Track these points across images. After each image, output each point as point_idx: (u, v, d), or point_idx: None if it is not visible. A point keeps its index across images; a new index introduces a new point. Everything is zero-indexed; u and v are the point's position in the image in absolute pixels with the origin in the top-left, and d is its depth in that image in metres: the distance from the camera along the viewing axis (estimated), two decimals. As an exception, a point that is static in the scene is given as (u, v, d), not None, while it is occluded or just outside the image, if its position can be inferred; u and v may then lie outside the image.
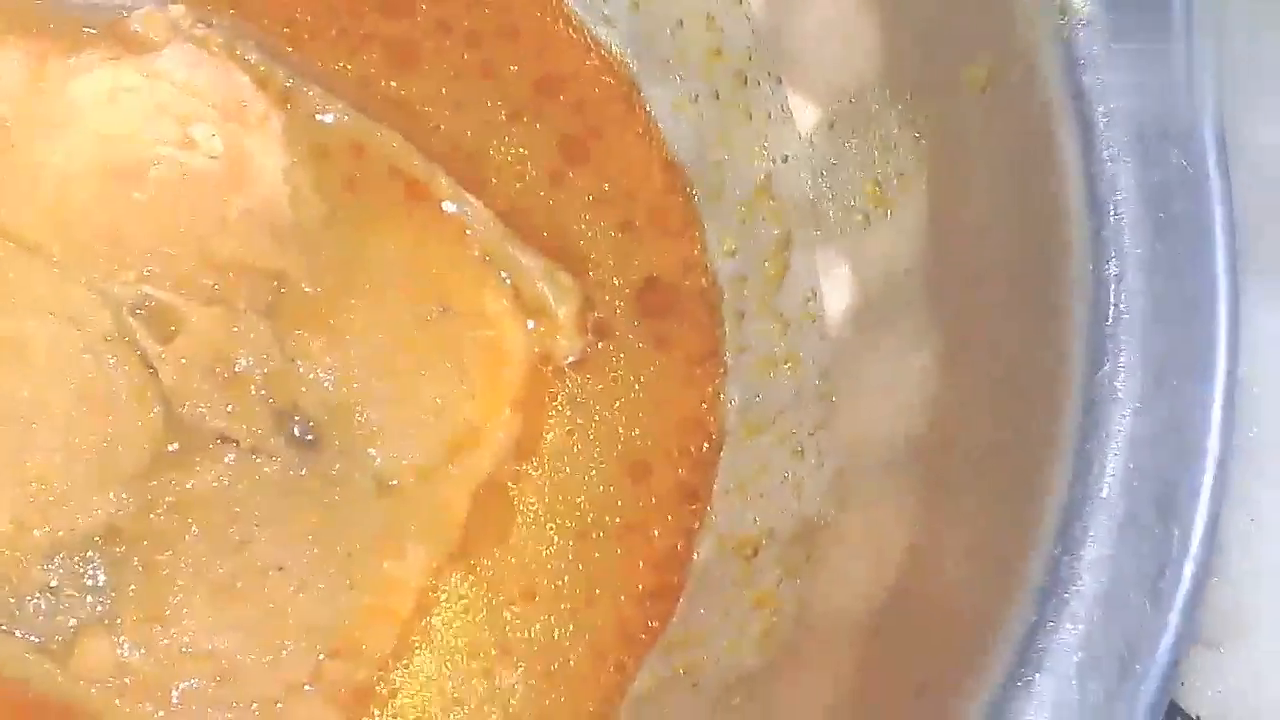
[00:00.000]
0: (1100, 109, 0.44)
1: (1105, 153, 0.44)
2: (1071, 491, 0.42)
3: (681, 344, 0.56)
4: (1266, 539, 0.54)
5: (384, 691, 0.52)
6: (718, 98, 0.56)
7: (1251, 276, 0.44)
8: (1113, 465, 0.42)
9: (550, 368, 0.55)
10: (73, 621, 0.50)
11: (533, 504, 0.54)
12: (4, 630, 0.49)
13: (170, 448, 0.51)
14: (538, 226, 0.56)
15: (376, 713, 0.52)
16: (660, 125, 0.58)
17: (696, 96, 0.57)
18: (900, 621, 0.47)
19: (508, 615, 0.53)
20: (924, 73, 0.50)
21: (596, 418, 0.55)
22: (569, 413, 0.55)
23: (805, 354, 0.54)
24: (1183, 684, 0.55)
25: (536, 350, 0.55)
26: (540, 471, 0.54)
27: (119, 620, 0.50)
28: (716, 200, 0.57)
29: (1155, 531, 0.41)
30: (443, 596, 0.53)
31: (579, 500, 0.54)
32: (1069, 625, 0.41)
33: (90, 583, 0.50)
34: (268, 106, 0.53)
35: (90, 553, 0.50)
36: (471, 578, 0.53)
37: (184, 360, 0.51)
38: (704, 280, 0.56)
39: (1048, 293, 0.44)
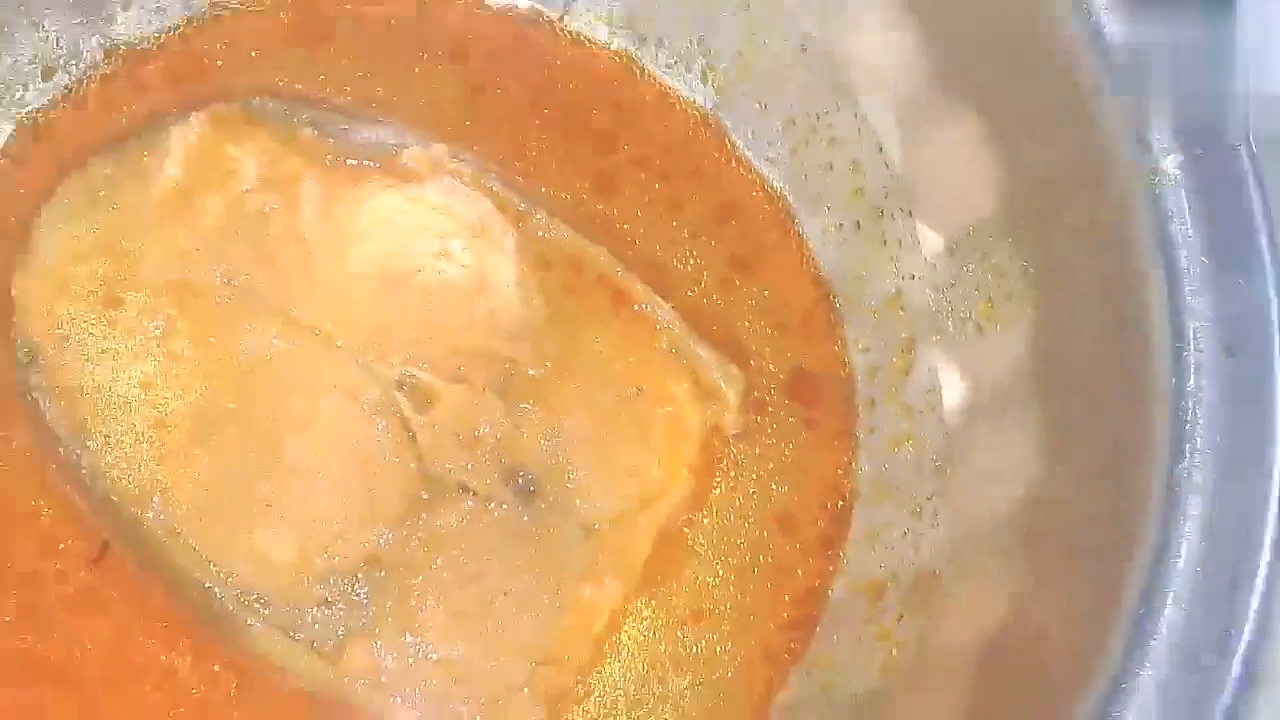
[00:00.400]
0: (1184, 254, 0.44)
1: (1187, 286, 0.43)
2: (1154, 563, 0.41)
3: (822, 422, 0.56)
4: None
5: (581, 693, 0.52)
6: (859, 227, 0.56)
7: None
8: (1188, 544, 0.41)
9: (719, 438, 0.55)
10: (341, 630, 0.50)
11: (702, 546, 0.54)
12: (289, 637, 0.50)
13: (423, 495, 0.51)
14: (711, 326, 0.56)
15: (575, 710, 0.52)
16: (811, 246, 0.57)
17: (841, 225, 0.57)
18: (1002, 662, 0.47)
19: (679, 634, 0.53)
20: (1034, 215, 0.49)
21: (754, 479, 0.55)
22: (733, 474, 0.55)
23: (924, 436, 0.54)
24: None
25: (708, 425, 0.55)
26: (709, 520, 0.54)
27: (378, 630, 0.50)
28: (855, 308, 0.56)
29: (1224, 600, 0.41)
30: (629, 619, 0.53)
31: (739, 544, 0.54)
32: (1150, 671, 0.40)
33: (356, 600, 0.50)
34: (505, 226, 0.54)
35: (358, 576, 0.51)
36: (652, 604, 0.53)
37: (436, 427, 0.52)
38: (842, 372, 0.56)
39: (1137, 402, 0.44)
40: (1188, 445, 0.42)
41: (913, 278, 0.55)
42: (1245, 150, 0.45)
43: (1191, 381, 0.42)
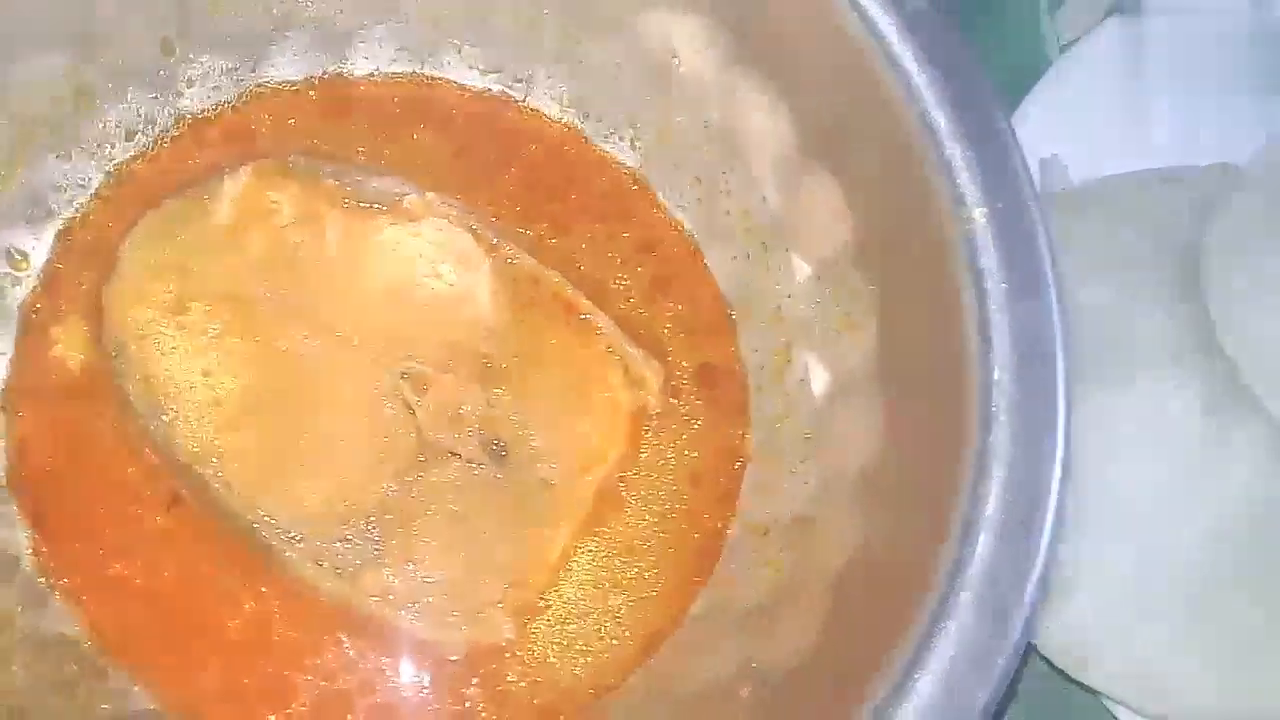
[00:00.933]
0: (989, 280, 0.44)
1: (991, 306, 0.44)
2: (968, 511, 0.41)
3: (722, 403, 0.55)
4: (1083, 535, 0.54)
5: (541, 606, 0.52)
6: (749, 257, 0.56)
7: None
8: (994, 494, 0.41)
9: (644, 416, 0.54)
10: (359, 560, 0.50)
11: (631, 497, 0.54)
12: (318, 564, 0.49)
13: (420, 458, 0.51)
14: (639, 330, 0.55)
15: (537, 619, 0.52)
16: (714, 272, 0.57)
17: (735, 256, 0.56)
18: (854, 583, 0.47)
19: (616, 564, 0.53)
20: (878, 250, 0.50)
21: (671, 446, 0.54)
22: (655, 443, 0.54)
23: (799, 414, 0.54)
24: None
25: (636, 405, 0.54)
26: (636, 478, 0.54)
27: (387, 560, 0.50)
28: (747, 319, 0.56)
29: (1021, 539, 0.41)
30: (577, 552, 0.52)
31: (660, 495, 0.54)
32: (966, 593, 0.41)
33: (370, 537, 0.50)
34: (481, 255, 0.53)
35: (371, 519, 0.50)
36: (595, 541, 0.53)
37: (430, 406, 0.51)
38: (738, 366, 0.56)
39: (954, 390, 0.44)
40: (993, 423, 0.42)
41: (789, 296, 0.54)
42: (1034, 200, 0.45)
43: (995, 375, 0.43)
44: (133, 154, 0.56)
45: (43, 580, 0.50)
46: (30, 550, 0.50)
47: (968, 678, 0.39)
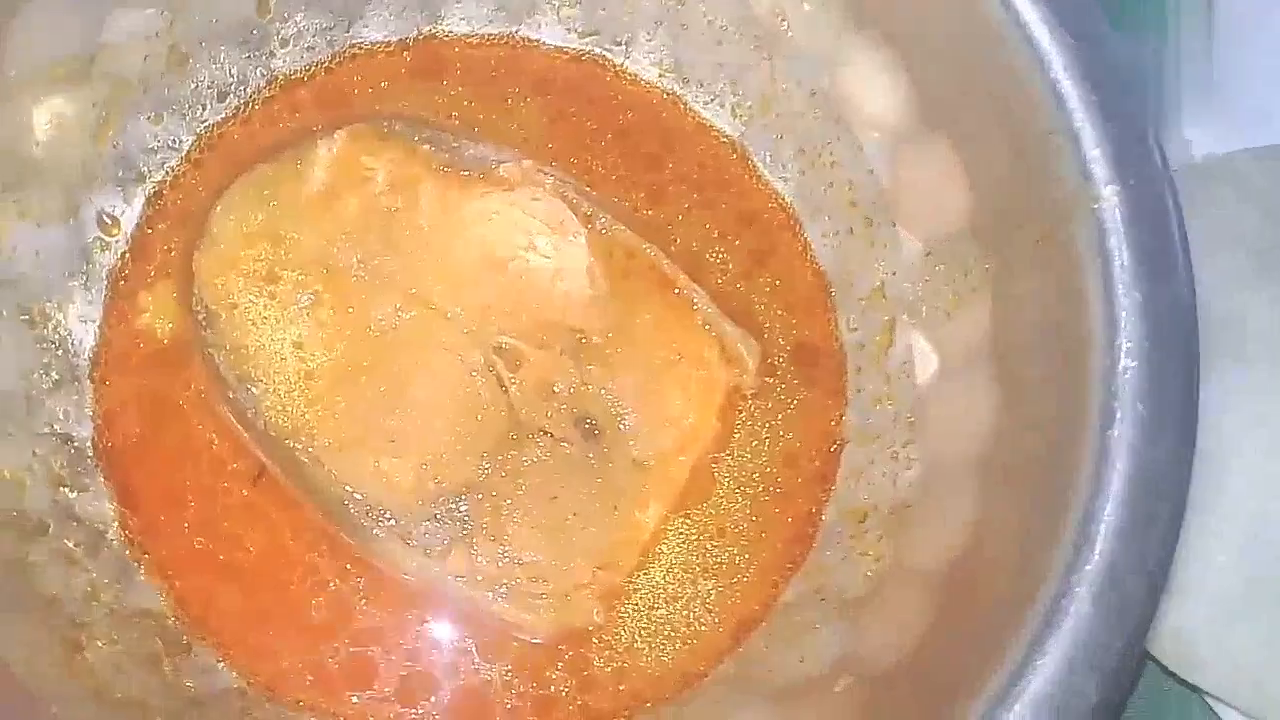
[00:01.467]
0: (1117, 262, 0.41)
1: (1119, 287, 0.41)
2: (1088, 505, 0.39)
3: (820, 383, 0.53)
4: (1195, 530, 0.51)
5: (630, 590, 0.50)
6: (852, 232, 0.54)
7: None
8: (1116, 488, 0.39)
9: (739, 395, 0.53)
10: (447, 539, 0.48)
11: (725, 478, 0.52)
12: (406, 543, 0.48)
13: (511, 436, 0.49)
14: (735, 306, 0.53)
15: (625, 603, 0.50)
16: (814, 247, 0.55)
17: (838, 231, 0.54)
18: (962, 577, 0.45)
19: (707, 547, 0.51)
20: (996, 227, 0.47)
21: (766, 427, 0.53)
22: (749, 423, 0.53)
23: (900, 397, 0.51)
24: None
25: (731, 384, 0.52)
26: (730, 459, 0.52)
27: (475, 540, 0.48)
28: (847, 296, 0.54)
29: (1142, 536, 0.39)
30: (668, 535, 0.51)
31: (754, 477, 0.52)
32: (1083, 588, 0.39)
33: (459, 516, 0.48)
34: (577, 226, 0.51)
35: (460, 498, 0.49)
36: (686, 522, 0.51)
37: (524, 382, 0.50)
38: (836, 345, 0.54)
39: (1076, 377, 0.41)
40: (1117, 413, 0.40)
41: (893, 274, 0.52)
42: (1167, 180, 0.43)
43: (1122, 361, 0.40)
44: (224, 115, 0.55)
45: (129, 554, 0.49)
46: (117, 523, 0.50)
47: (1083, 679, 0.38)
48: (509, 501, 0.49)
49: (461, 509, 0.48)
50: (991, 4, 0.44)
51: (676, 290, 0.52)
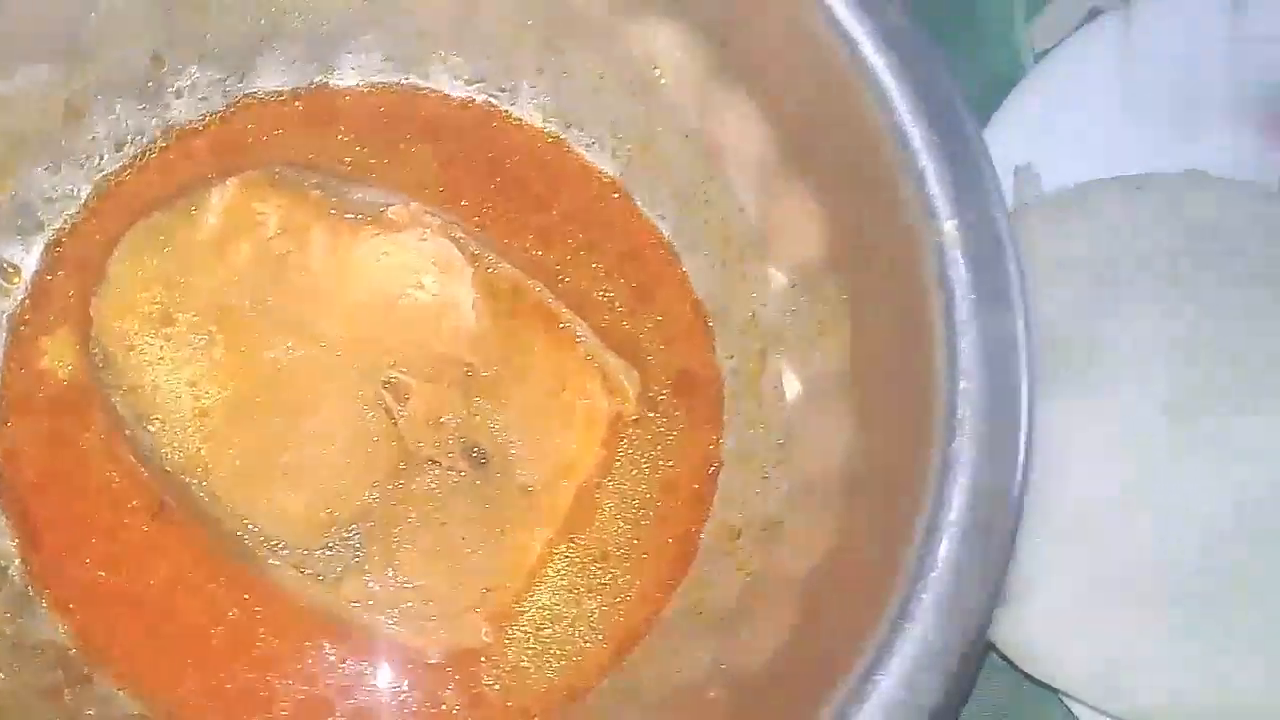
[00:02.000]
0: (958, 290, 0.45)
1: (959, 316, 0.44)
2: (932, 515, 0.42)
3: (699, 410, 0.56)
4: (1045, 537, 0.55)
5: (518, 611, 0.52)
6: (725, 266, 0.56)
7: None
8: (958, 499, 0.42)
9: (621, 423, 0.55)
10: (341, 566, 0.50)
11: (607, 503, 0.54)
12: (301, 572, 0.50)
13: (402, 466, 0.51)
14: (619, 339, 0.56)
15: (513, 624, 0.52)
16: (691, 281, 0.58)
17: (714, 265, 0.57)
18: (824, 583, 0.47)
19: (591, 569, 0.53)
20: (851, 260, 0.50)
21: (647, 453, 0.55)
22: (631, 450, 0.55)
23: (771, 420, 0.54)
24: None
25: (614, 412, 0.55)
26: (612, 484, 0.54)
27: (368, 566, 0.50)
28: (723, 327, 0.57)
29: (982, 543, 0.42)
30: (553, 558, 0.53)
31: (635, 502, 0.54)
32: (929, 593, 0.41)
33: (351, 544, 0.50)
34: (464, 264, 0.54)
35: (353, 526, 0.51)
36: (572, 545, 0.53)
37: (412, 414, 0.52)
38: (714, 373, 0.56)
39: (921, 397, 0.44)
40: (958, 429, 0.43)
41: (764, 305, 0.55)
42: (1003, 215, 0.46)
43: (962, 383, 0.43)
44: (121, 165, 0.56)
45: (30, 588, 0.50)
46: (19, 558, 0.51)
47: (928, 676, 0.40)
48: (400, 529, 0.51)
49: (355, 537, 0.50)
50: (840, 51, 0.47)
51: (561, 325, 0.54)
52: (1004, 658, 0.57)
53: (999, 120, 0.64)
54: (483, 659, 0.51)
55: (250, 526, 0.50)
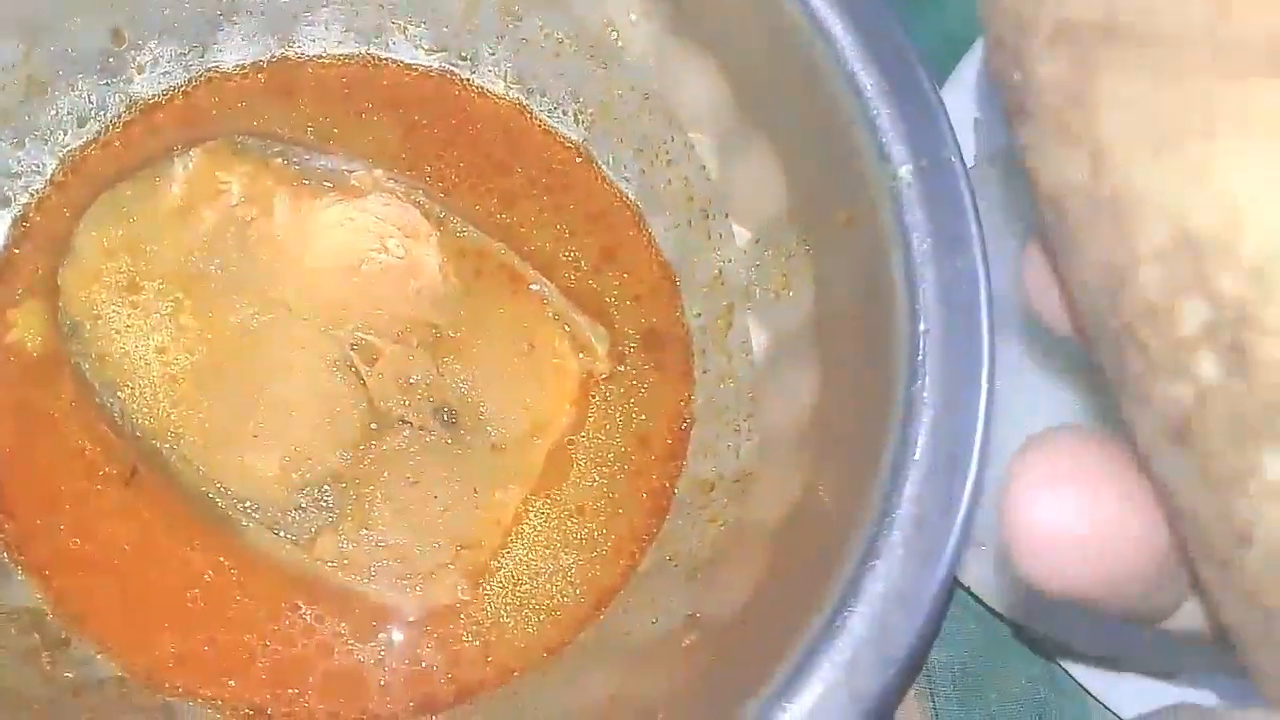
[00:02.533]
0: (915, 236, 0.45)
1: (917, 260, 0.45)
2: (896, 455, 0.42)
3: (669, 367, 0.56)
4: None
5: (494, 568, 0.53)
6: (690, 225, 0.57)
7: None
8: (921, 441, 0.43)
9: (592, 380, 0.56)
10: (313, 527, 0.50)
11: (581, 459, 0.55)
12: (274, 533, 0.50)
13: (372, 426, 0.52)
14: (586, 298, 0.56)
15: (490, 580, 0.53)
16: (657, 240, 0.58)
17: (678, 224, 0.57)
18: (793, 531, 0.48)
19: (567, 525, 0.54)
20: (811, 212, 0.51)
21: (619, 409, 0.56)
22: (602, 406, 0.55)
23: (740, 374, 0.55)
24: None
25: (584, 371, 0.55)
26: (586, 440, 0.55)
27: (341, 526, 0.51)
28: (689, 284, 0.57)
29: (946, 481, 0.42)
30: (529, 514, 0.54)
31: (608, 457, 0.55)
32: (896, 533, 0.42)
33: (324, 505, 0.51)
34: (429, 228, 0.54)
35: (325, 486, 0.51)
36: (545, 502, 0.54)
37: (381, 375, 0.52)
38: (681, 330, 0.57)
39: (884, 342, 0.45)
40: (919, 371, 0.43)
41: (729, 261, 0.55)
42: (959, 160, 0.47)
43: (922, 325, 0.44)
44: (86, 140, 0.56)
45: (6, 556, 0.51)
46: (-7, 528, 0.51)
47: (896, 615, 0.41)
48: (372, 488, 0.51)
49: (326, 498, 0.51)
50: (792, 6, 0.48)
51: (529, 285, 0.55)
52: (976, 599, 0.57)
53: (955, 80, 0.64)
54: (461, 616, 0.52)
55: (222, 489, 0.50)
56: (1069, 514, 0.26)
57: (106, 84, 0.57)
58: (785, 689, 0.40)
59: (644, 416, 0.55)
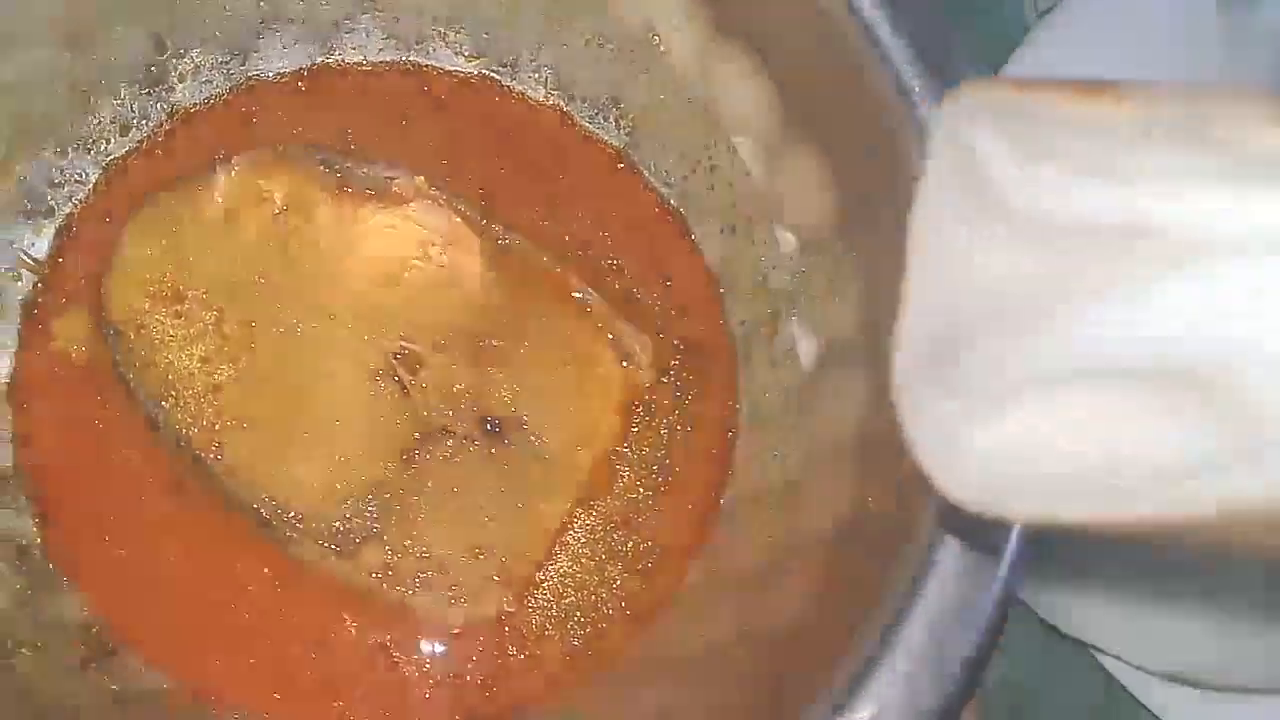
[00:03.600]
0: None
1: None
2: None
3: (713, 376, 0.56)
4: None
5: (539, 579, 0.52)
6: (734, 231, 0.56)
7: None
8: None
9: (636, 390, 0.55)
10: (358, 538, 0.50)
11: (626, 470, 0.54)
12: (319, 544, 0.50)
13: (416, 436, 0.51)
14: (630, 307, 0.56)
15: (534, 591, 0.52)
16: (701, 247, 0.58)
17: (722, 230, 0.57)
18: (846, 543, 0.47)
19: (612, 536, 0.53)
20: (858, 217, 0.50)
21: (663, 419, 0.55)
22: (646, 416, 0.55)
23: (786, 383, 0.54)
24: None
25: (628, 380, 0.55)
26: (630, 451, 0.54)
27: (385, 537, 0.50)
28: (734, 292, 0.57)
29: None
30: (573, 525, 0.53)
31: (653, 468, 0.54)
32: (949, 547, 0.41)
33: (368, 515, 0.50)
34: (471, 235, 0.54)
35: (369, 497, 0.50)
36: (590, 513, 0.53)
37: (425, 385, 0.52)
38: (726, 338, 0.56)
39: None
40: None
41: (774, 267, 0.55)
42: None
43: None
44: (128, 148, 0.57)
45: (52, 566, 0.51)
46: (40, 538, 0.51)
47: (953, 629, 0.40)
48: (416, 499, 0.51)
49: (371, 508, 0.50)
50: (839, 8, 0.47)
51: (572, 294, 0.55)
52: (1035, 613, 0.56)
53: (1002, 77, 0.63)
54: (506, 628, 0.51)
55: (267, 500, 0.50)
56: None
57: (148, 92, 0.57)
58: (840, 704, 0.39)
59: (689, 426, 0.55)
